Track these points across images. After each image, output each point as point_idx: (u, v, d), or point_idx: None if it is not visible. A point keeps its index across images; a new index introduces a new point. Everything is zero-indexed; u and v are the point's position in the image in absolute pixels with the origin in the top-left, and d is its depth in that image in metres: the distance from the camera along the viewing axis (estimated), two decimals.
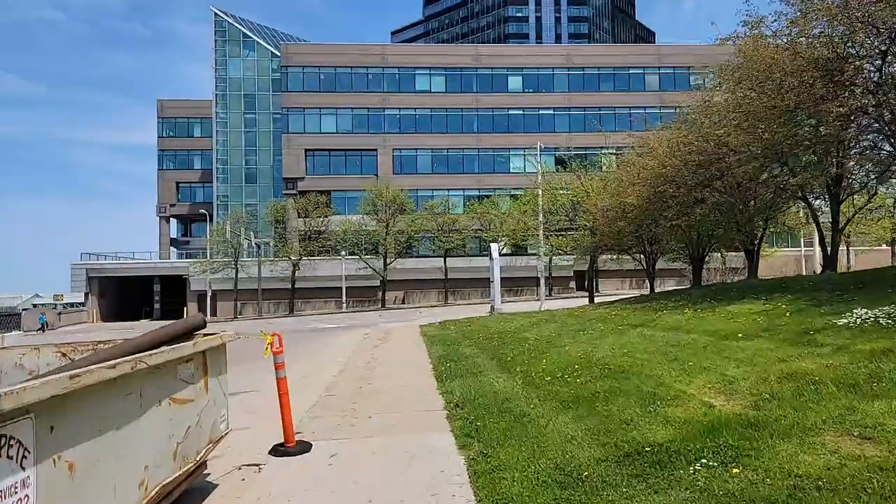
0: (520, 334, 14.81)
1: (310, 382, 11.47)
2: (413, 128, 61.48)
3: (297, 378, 12.34)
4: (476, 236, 55.54)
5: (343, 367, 13.05)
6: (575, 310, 22.35)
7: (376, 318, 39.24)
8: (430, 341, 17.24)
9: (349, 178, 60.68)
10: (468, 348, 14.11)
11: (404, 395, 9.01)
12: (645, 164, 16.99)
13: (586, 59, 63.37)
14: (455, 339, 16.41)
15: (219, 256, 55.65)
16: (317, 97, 60.72)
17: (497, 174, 61.53)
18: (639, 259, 24.34)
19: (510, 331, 16.16)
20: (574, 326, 13.62)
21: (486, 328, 18.88)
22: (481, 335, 16.53)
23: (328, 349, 18.14)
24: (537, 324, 16.55)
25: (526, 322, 18.32)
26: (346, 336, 23.35)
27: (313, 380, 11.67)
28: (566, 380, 7.78)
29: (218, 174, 70.14)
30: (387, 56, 61.60)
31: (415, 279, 56.95)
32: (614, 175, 21.46)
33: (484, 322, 22.01)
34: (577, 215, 31.94)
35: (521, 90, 62.59)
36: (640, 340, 9.38)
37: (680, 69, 63.40)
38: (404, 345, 17.08)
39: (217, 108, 69.65)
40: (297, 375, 12.81)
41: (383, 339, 19.34)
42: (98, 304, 58.98)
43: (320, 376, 11.75)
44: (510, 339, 14.23)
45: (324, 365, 14.04)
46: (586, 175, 31.15)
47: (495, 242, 29.08)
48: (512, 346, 12.76)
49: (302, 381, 11.91)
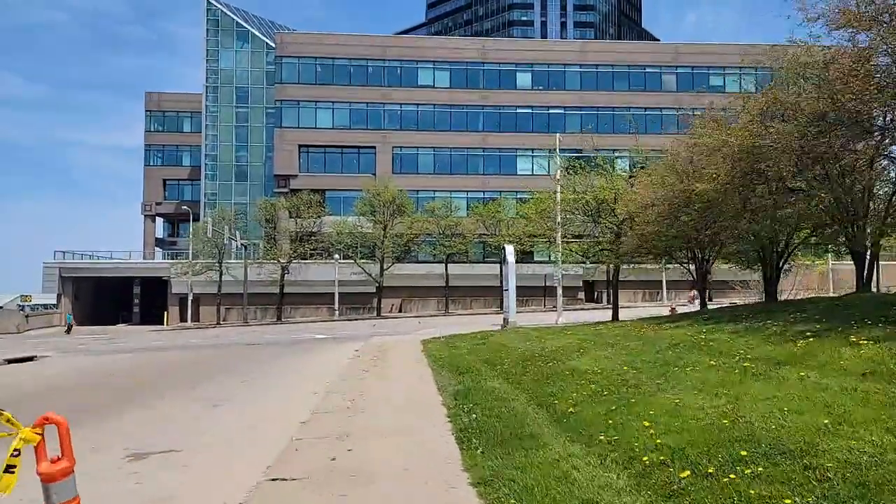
0: (563, 362, 10.85)
1: (254, 439, 7.45)
2: (415, 125, 57.67)
3: (240, 427, 8.31)
4: (480, 241, 51.56)
5: (315, 407, 9.06)
6: (611, 326, 18.37)
7: (371, 328, 35.21)
8: (437, 365, 13.27)
9: (345, 176, 56.78)
10: (494, 381, 10.15)
11: (409, 490, 5.03)
12: (732, 134, 13.05)
13: (600, 56, 59.78)
14: (471, 365, 12.44)
15: (202, 257, 51.53)
16: (312, 90, 56.92)
17: (503, 176, 57.71)
18: (685, 267, 20.45)
19: (545, 355, 12.19)
20: (647, 356, 9.67)
21: (507, 348, 14.91)
22: (506, 359, 12.56)
23: (304, 373, 14.14)
24: (581, 346, 12.58)
25: (559, 342, 14.35)
26: (332, 352, 19.35)
27: (260, 435, 7.65)
28: (742, 490, 3.83)
29: (207, 171, 66.12)
30: (388, 48, 57.89)
31: (413, 286, 52.91)
32: (670, 161, 17.54)
33: (501, 339, 18.03)
34: (601, 217, 28.05)
35: (531, 87, 58.90)
36: (832, 398, 5.44)
37: (699, 69, 59.92)
38: (403, 371, 13.10)
39: (207, 101, 65.75)
40: (242, 421, 8.76)
41: (377, 360, 15.35)
42: (72, 306, 54.73)
43: (275, 428, 7.76)
44: (552, 369, 10.27)
45: (290, 402, 10.04)
46: (613, 172, 27.29)
47: (510, 244, 25.17)
48: (562, 383, 8.80)
49: (244, 434, 7.87)
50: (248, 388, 11.90)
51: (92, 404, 10.57)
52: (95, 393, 12.23)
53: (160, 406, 10.31)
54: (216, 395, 11.15)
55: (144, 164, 73.06)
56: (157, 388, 12.45)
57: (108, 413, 9.67)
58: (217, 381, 12.97)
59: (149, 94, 72.85)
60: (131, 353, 23.64)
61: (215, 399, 10.66)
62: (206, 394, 11.34)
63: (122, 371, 16.63)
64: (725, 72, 59.75)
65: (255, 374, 14.10)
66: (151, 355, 21.60)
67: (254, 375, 13.84)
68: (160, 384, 13.19)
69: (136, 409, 10.09)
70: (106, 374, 15.93)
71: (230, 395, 11.15)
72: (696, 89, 59.53)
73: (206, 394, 11.34)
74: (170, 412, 9.73)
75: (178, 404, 10.39)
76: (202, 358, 19.99)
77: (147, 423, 8.88)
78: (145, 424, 8.83)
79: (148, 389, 12.31)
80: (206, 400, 10.59)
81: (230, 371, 14.99)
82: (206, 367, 16.78)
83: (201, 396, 11.01)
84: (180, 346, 27.36)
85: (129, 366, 18.16)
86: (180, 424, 8.70)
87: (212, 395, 11.06)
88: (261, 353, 21.04)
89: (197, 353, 22.22)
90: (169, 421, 9.01)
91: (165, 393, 11.73)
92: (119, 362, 19.38)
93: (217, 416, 9.19)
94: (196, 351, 23.42)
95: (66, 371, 17.06)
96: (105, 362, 19.57)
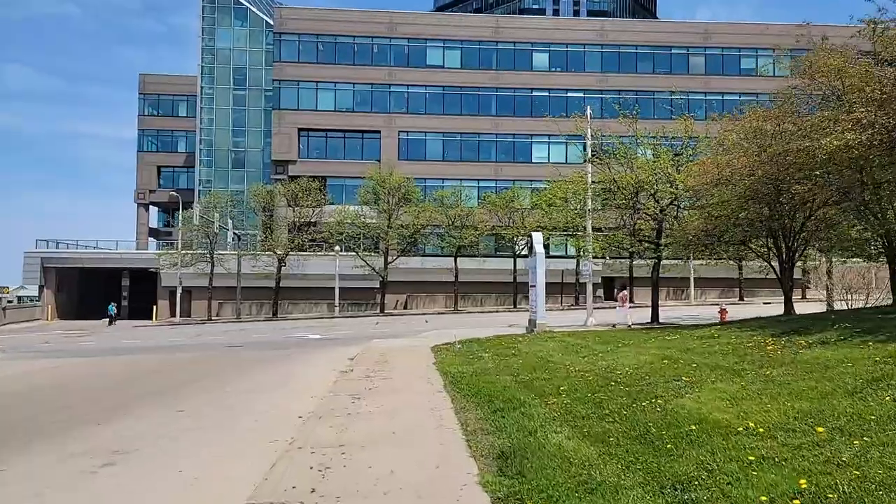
0: (670, 400, 6.94)
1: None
2: (422, 108, 53.64)
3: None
4: (492, 234, 47.55)
5: (251, 498, 5.16)
6: (683, 335, 14.43)
7: (373, 326, 31.39)
8: (458, 390, 9.40)
9: (347, 162, 52.87)
10: (557, 430, 6.27)
11: None
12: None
13: (622, 35, 55.51)
14: (508, 393, 8.55)
15: (193, 247, 47.76)
16: (314, 69, 52.97)
17: (517, 164, 53.66)
18: (767, 259, 16.43)
19: (624, 382, 8.28)
20: (841, 402, 5.72)
21: (552, 364, 11.02)
22: (558, 383, 8.68)
23: (274, 397, 10.25)
24: (673, 369, 8.64)
25: (627, 358, 10.44)
26: (321, 361, 15.50)
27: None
28: None
29: (202, 156, 62.35)
30: (395, 25, 53.82)
31: (419, 281, 49.00)
32: (755, 121, 13.50)
33: (534, 348, 14.14)
34: (639, 204, 24.06)
35: (548, 68, 54.76)
36: None
37: (729, 50, 55.65)
38: (410, 400, 9.20)
39: (203, 82, 61.92)
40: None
41: (374, 378, 11.48)
42: (55, 299, 51.19)
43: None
44: (661, 417, 6.34)
45: (214, 476, 6.13)
46: (657, 153, 23.31)
47: (538, 231, 21.17)
48: (703, 455, 4.89)
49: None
50: (172, 432, 8.04)
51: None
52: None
53: (14, 465, 6.47)
54: (116, 442, 7.31)
55: (138, 150, 69.35)
56: (42, 428, 8.52)
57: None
58: (137, 415, 9.12)
59: (143, 77, 69.04)
60: (84, 357, 19.88)
61: (108, 451, 6.83)
62: (102, 440, 7.47)
63: (26, 391, 12.79)
64: (758, 53, 55.51)
65: (200, 401, 10.23)
66: (97, 362, 17.77)
67: (197, 403, 9.99)
68: (59, 417, 9.31)
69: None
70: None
71: (137, 443, 7.29)
72: (727, 73, 55.42)
73: (101, 440, 7.48)
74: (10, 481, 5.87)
75: (38, 465, 6.53)
76: (159, 367, 16.21)
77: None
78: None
79: (22, 432, 8.35)
80: (92, 454, 6.73)
81: (173, 394, 11.14)
82: (147, 384, 12.98)
83: (89, 448, 7.13)
84: (150, 348, 23.63)
85: (48, 381, 14.34)
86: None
87: (107, 444, 7.21)
88: (235, 360, 17.24)
89: (159, 359, 18.42)
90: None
91: (33, 445, 7.55)
92: (41, 375, 15.56)
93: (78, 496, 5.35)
94: (162, 356, 19.65)
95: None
96: (31, 372, 15.78)
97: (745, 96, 47.87)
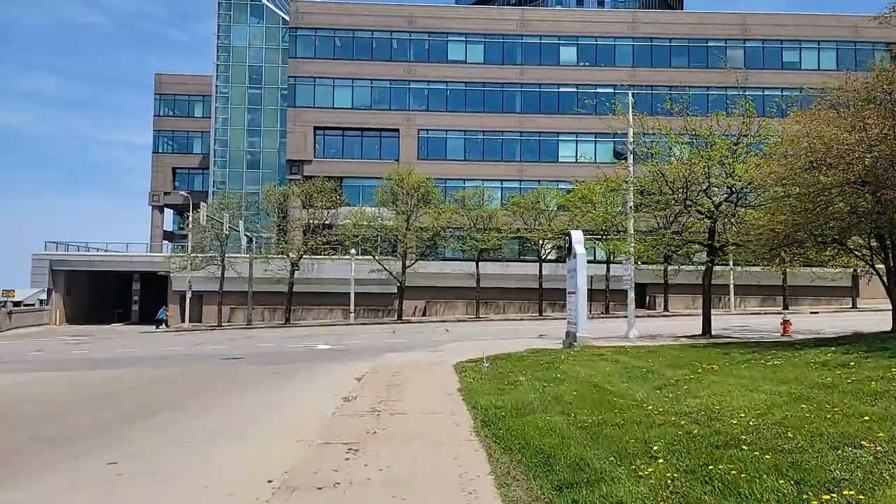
0: (843, 475, 4.18)
1: None
2: (443, 105, 51.09)
3: None
4: (517, 236, 44.74)
5: None
6: (740, 350, 11.63)
7: (389, 335, 28.84)
8: (494, 440, 6.72)
9: (365, 162, 50.55)
10: None
11: None
12: None
13: (654, 28, 52.41)
14: (567, 444, 5.86)
15: (205, 250, 45.74)
16: (330, 65, 50.80)
17: (543, 163, 50.77)
18: (869, 262, 13.53)
19: (748, 436, 5.53)
20: None
21: (614, 397, 8.27)
22: (634, 425, 5.96)
23: (243, 443, 7.62)
24: (801, 409, 5.86)
25: (733, 397, 7.67)
26: (323, 381, 12.92)
27: None
28: None
29: (216, 157, 60.60)
30: (415, 18, 51.42)
31: (439, 286, 46.34)
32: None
33: (581, 370, 11.38)
34: (688, 201, 21.15)
35: (576, 63, 51.90)
36: None
37: (770, 42, 52.21)
38: (429, 458, 6.53)
39: (218, 81, 60.23)
40: None
41: (383, 410, 8.83)
42: (63, 302, 49.62)
43: None
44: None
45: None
46: (711, 142, 20.48)
47: (577, 230, 18.38)
48: None
49: None
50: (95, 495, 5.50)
51: None
52: None
53: None
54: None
55: (153, 152, 68.01)
56: None
57: None
58: (68, 466, 6.60)
59: (158, 76, 67.75)
60: (59, 371, 17.59)
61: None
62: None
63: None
64: (802, 45, 52.03)
65: (137, 448, 7.63)
66: (58, 380, 15.35)
67: (133, 451, 7.42)
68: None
69: None
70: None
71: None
72: (768, 68, 51.96)
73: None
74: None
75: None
76: (121, 389, 13.80)
77: None
78: None
79: None
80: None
81: (108, 435, 8.62)
82: (89, 414, 10.55)
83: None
84: (140, 359, 21.36)
85: (7, 399, 12.00)
86: None
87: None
88: (222, 378, 14.77)
89: (135, 376, 16.03)
90: None
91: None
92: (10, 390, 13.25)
93: None
94: (143, 370, 17.30)
95: None
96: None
97: (787, 91, 44.58)
